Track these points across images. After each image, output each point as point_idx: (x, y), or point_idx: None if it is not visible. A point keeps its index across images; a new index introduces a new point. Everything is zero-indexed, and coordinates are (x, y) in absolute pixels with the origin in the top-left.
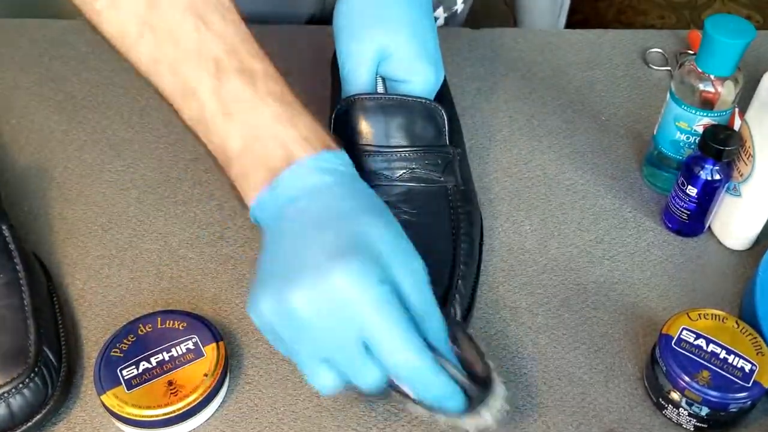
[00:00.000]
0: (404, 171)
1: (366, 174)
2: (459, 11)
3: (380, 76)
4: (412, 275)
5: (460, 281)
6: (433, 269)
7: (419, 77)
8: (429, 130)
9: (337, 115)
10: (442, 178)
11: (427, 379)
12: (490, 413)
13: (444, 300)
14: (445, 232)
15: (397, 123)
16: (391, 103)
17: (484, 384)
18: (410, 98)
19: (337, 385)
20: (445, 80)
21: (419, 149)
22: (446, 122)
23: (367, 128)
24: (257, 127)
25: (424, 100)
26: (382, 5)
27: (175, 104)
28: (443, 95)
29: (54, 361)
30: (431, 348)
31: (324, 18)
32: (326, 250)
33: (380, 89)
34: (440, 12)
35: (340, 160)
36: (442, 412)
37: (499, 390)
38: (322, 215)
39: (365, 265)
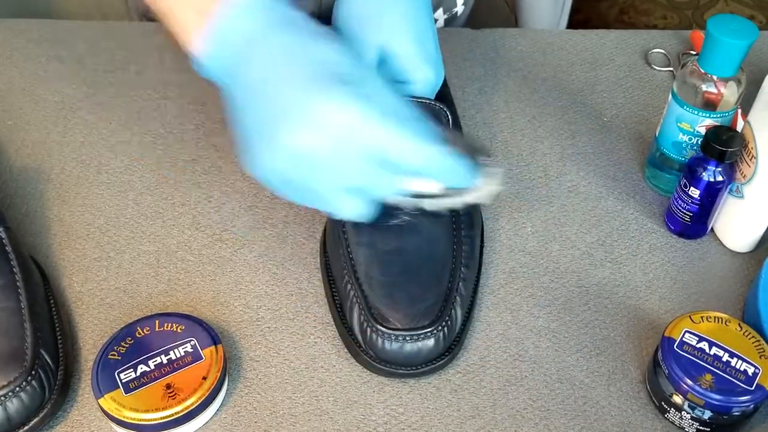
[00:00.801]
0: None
1: None
2: (459, 13)
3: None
4: (382, 85)
5: (461, 283)
6: (434, 271)
7: (420, 78)
8: None
9: None
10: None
11: (447, 164)
12: (493, 179)
13: (444, 303)
14: (446, 233)
15: None
16: None
17: (476, 156)
18: (415, 99)
19: (364, 208)
20: (445, 81)
21: None
22: (451, 123)
23: None
24: None
25: (427, 101)
26: (382, 6)
27: None
28: (444, 96)
29: (51, 364)
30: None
31: (321, 17)
32: (306, 85)
33: None
34: (440, 14)
35: None
36: (463, 192)
37: (488, 158)
38: (283, 53)
39: (351, 86)
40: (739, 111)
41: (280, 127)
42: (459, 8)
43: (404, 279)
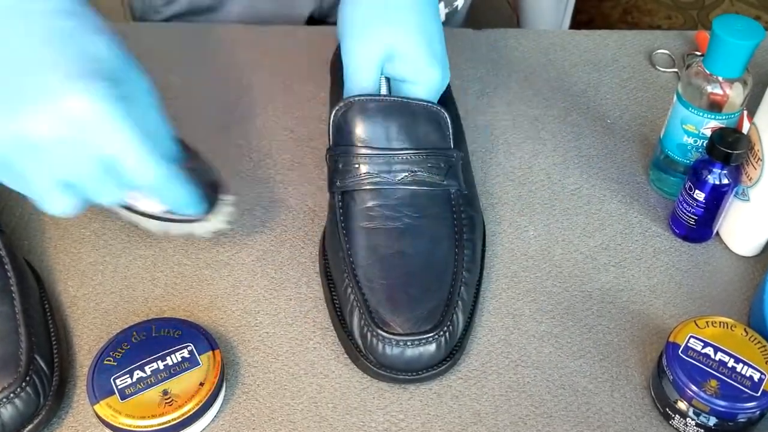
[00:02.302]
0: (406, 174)
1: (365, 176)
2: (459, 6)
3: (384, 77)
4: (144, 94)
5: (462, 288)
6: (436, 275)
7: (425, 78)
8: (432, 133)
9: (336, 116)
10: (444, 182)
11: (173, 188)
12: (223, 216)
13: (446, 307)
14: (448, 237)
15: (398, 125)
16: (393, 105)
17: (216, 191)
18: (413, 101)
19: (74, 207)
20: None
21: (422, 152)
22: (450, 125)
23: (367, 130)
24: None
25: (426, 103)
26: (389, 5)
27: None
28: (446, 97)
29: (46, 369)
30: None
31: (322, 16)
32: (60, 71)
33: (384, 90)
34: (441, 7)
35: None
36: (184, 219)
37: (228, 196)
38: (46, 33)
39: (103, 84)
40: (745, 113)
41: (23, 105)
42: (459, 1)
43: (405, 282)
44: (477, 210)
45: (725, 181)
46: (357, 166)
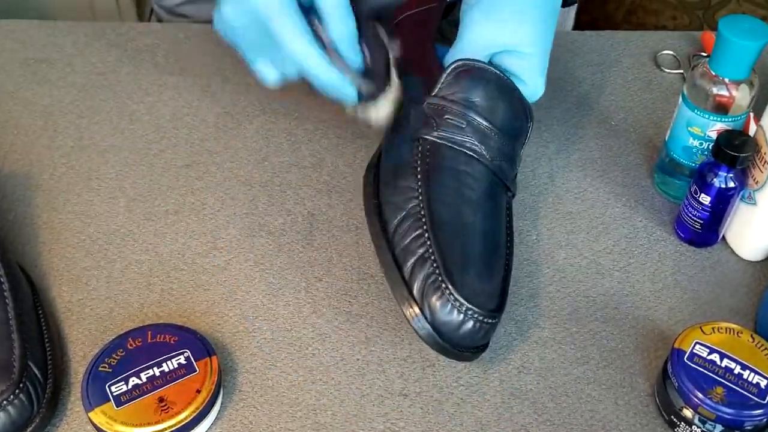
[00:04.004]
0: (497, 158)
1: (468, 140)
2: None
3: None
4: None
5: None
6: (496, 260)
7: (531, 83)
8: (519, 134)
9: (457, 69)
10: (510, 183)
11: (315, 69)
12: (385, 104)
13: (501, 296)
14: (505, 231)
15: (505, 110)
16: (509, 88)
17: (381, 80)
18: (520, 93)
19: (274, 74)
20: None
21: (512, 146)
22: (528, 135)
23: (483, 98)
24: None
25: (527, 103)
26: (527, 1)
27: None
28: None
29: (39, 376)
30: (330, 45)
31: None
32: None
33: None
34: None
35: None
36: (338, 100)
37: (395, 88)
38: None
39: None
40: (752, 115)
41: None
42: None
43: (480, 255)
44: (512, 224)
45: (731, 184)
46: (463, 126)
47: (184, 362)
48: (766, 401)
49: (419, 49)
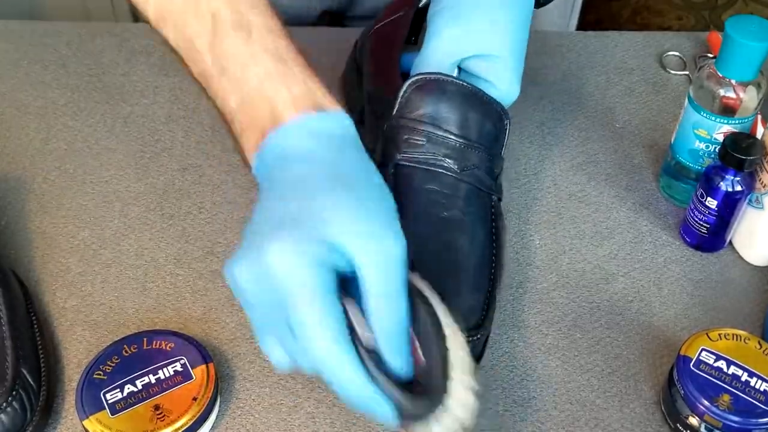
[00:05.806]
0: (469, 167)
1: (431, 156)
2: None
3: (459, 67)
4: (377, 257)
5: (496, 294)
6: (474, 275)
7: (504, 89)
8: (496, 136)
9: (410, 88)
10: (493, 188)
11: (342, 380)
12: (438, 427)
13: (487, 306)
14: (486, 243)
15: (473, 117)
16: (474, 95)
17: (431, 396)
18: (488, 97)
19: (286, 361)
20: None
21: (486, 151)
22: (507, 134)
23: (442, 111)
24: (249, 85)
25: (498, 104)
26: (496, 4)
27: (185, 60)
28: None
29: (33, 384)
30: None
31: (340, 12)
32: (274, 223)
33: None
34: None
35: (336, 122)
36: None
37: (455, 405)
38: (289, 184)
39: (300, 244)
40: (759, 117)
41: (241, 252)
42: None
43: (453, 273)
44: (504, 225)
45: (738, 188)
46: (423, 143)
47: (181, 369)
48: None
49: (386, 62)
